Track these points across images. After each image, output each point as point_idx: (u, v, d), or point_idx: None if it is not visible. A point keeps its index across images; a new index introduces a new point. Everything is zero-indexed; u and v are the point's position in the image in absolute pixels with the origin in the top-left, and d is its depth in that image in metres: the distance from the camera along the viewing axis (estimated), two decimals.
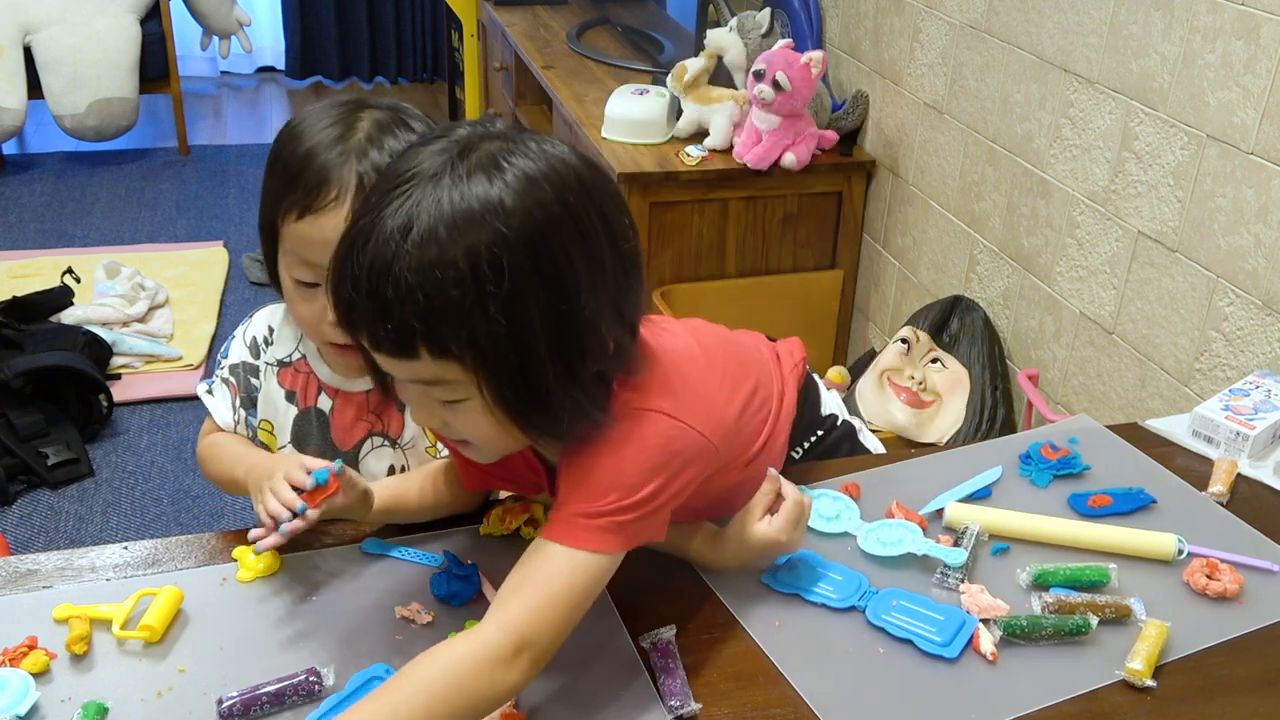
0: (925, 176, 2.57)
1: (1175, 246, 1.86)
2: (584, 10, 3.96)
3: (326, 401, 1.30)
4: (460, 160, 0.89)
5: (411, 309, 0.86)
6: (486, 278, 0.86)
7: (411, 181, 0.88)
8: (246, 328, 1.34)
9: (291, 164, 1.15)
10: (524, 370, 0.90)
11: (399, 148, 1.15)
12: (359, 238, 0.89)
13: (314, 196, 1.13)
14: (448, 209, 0.86)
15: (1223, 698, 1.05)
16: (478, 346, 0.88)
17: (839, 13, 2.86)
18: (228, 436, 1.32)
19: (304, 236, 1.15)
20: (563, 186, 0.90)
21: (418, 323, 0.86)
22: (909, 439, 2.33)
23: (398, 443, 1.30)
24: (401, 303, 0.86)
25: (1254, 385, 1.49)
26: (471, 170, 0.88)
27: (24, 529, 2.47)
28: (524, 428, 0.95)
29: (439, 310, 0.86)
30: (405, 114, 1.20)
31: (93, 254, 3.60)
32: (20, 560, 1.17)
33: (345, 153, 1.14)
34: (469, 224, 0.86)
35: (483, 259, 0.85)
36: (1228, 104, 1.73)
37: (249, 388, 1.32)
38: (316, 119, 1.18)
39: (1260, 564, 1.21)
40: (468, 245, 0.86)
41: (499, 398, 0.91)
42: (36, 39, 4.14)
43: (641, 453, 0.97)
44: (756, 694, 1.03)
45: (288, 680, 1.00)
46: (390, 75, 5.54)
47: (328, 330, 1.20)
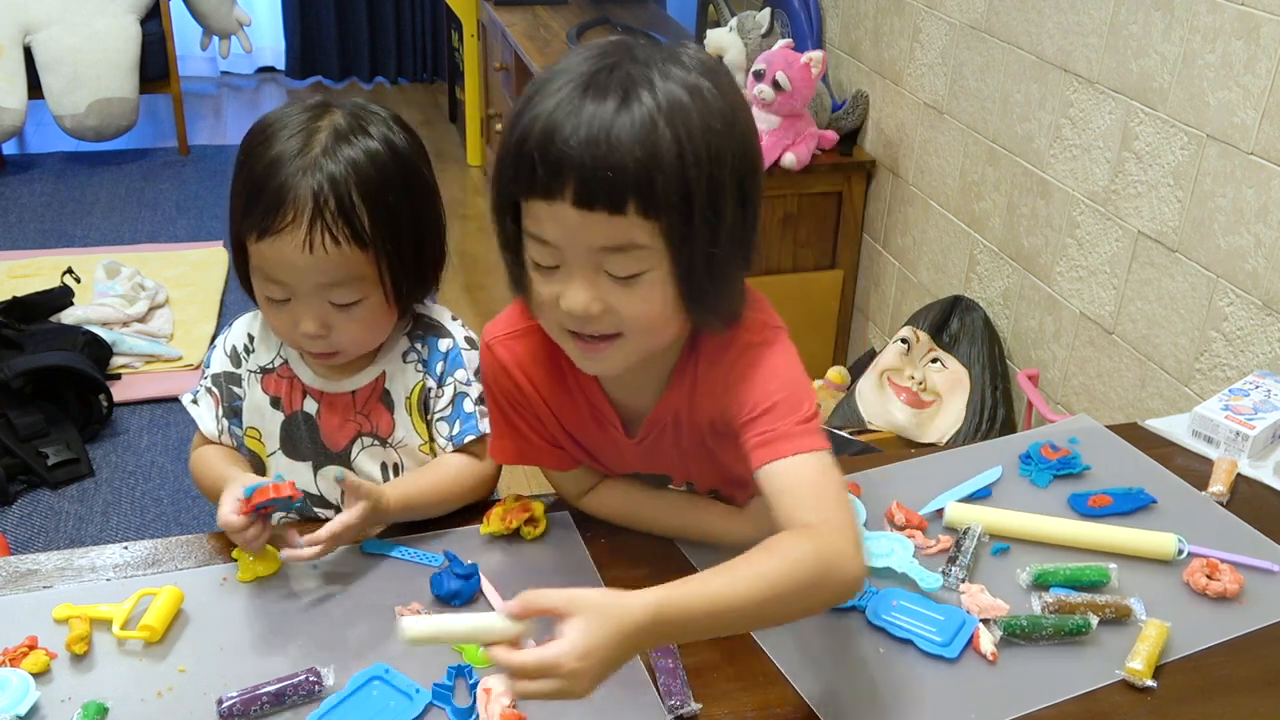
0: (925, 176, 2.57)
1: (1175, 246, 1.86)
2: (584, 10, 3.96)
3: (312, 405, 1.30)
4: (645, 56, 0.94)
5: (631, 160, 0.90)
6: (701, 149, 0.91)
7: (619, 62, 0.93)
8: (226, 337, 1.34)
9: (254, 177, 1.15)
10: (715, 241, 0.95)
11: (354, 154, 1.16)
12: (576, 94, 0.92)
13: (271, 218, 1.13)
14: (662, 87, 0.92)
15: (1222, 698, 1.05)
16: (683, 210, 0.93)
17: (839, 13, 2.86)
18: (214, 451, 1.32)
19: (267, 256, 1.16)
20: (731, 82, 0.98)
21: (636, 175, 0.90)
22: (909, 439, 2.33)
23: (388, 441, 1.30)
24: (622, 153, 0.90)
25: (1254, 385, 1.49)
26: (667, 60, 0.94)
27: (24, 529, 2.47)
28: (693, 308, 1.00)
29: (660, 167, 0.90)
30: (365, 118, 1.20)
31: (93, 254, 3.60)
32: (20, 560, 1.17)
33: (302, 168, 1.14)
34: (685, 102, 0.92)
35: (697, 131, 0.92)
36: (1228, 104, 1.73)
37: (231, 396, 1.32)
38: (283, 125, 1.17)
39: (1260, 564, 1.21)
40: (685, 118, 0.91)
41: (686, 269, 0.96)
42: (36, 39, 4.14)
43: (797, 364, 1.06)
44: (756, 694, 1.03)
45: (288, 680, 1.00)
46: (390, 75, 5.54)
47: (302, 340, 1.21)
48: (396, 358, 1.29)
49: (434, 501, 1.23)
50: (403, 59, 5.54)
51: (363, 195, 1.15)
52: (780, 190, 2.69)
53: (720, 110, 0.94)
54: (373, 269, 1.18)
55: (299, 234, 1.13)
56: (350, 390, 1.29)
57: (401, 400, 1.29)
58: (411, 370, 1.29)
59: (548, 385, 1.13)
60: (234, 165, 1.20)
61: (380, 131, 1.19)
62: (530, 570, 1.17)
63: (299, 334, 1.20)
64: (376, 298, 1.20)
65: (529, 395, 1.14)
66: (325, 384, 1.29)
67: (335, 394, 1.29)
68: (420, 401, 1.29)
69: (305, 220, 1.13)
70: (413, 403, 1.28)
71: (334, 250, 1.14)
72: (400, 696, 1.00)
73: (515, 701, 0.98)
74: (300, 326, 1.19)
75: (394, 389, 1.29)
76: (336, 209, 1.13)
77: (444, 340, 1.29)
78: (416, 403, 1.28)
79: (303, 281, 1.16)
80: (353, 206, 1.14)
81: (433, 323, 1.31)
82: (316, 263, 1.14)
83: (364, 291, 1.18)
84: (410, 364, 1.29)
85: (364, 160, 1.16)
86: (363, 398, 1.29)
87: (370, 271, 1.18)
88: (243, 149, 1.19)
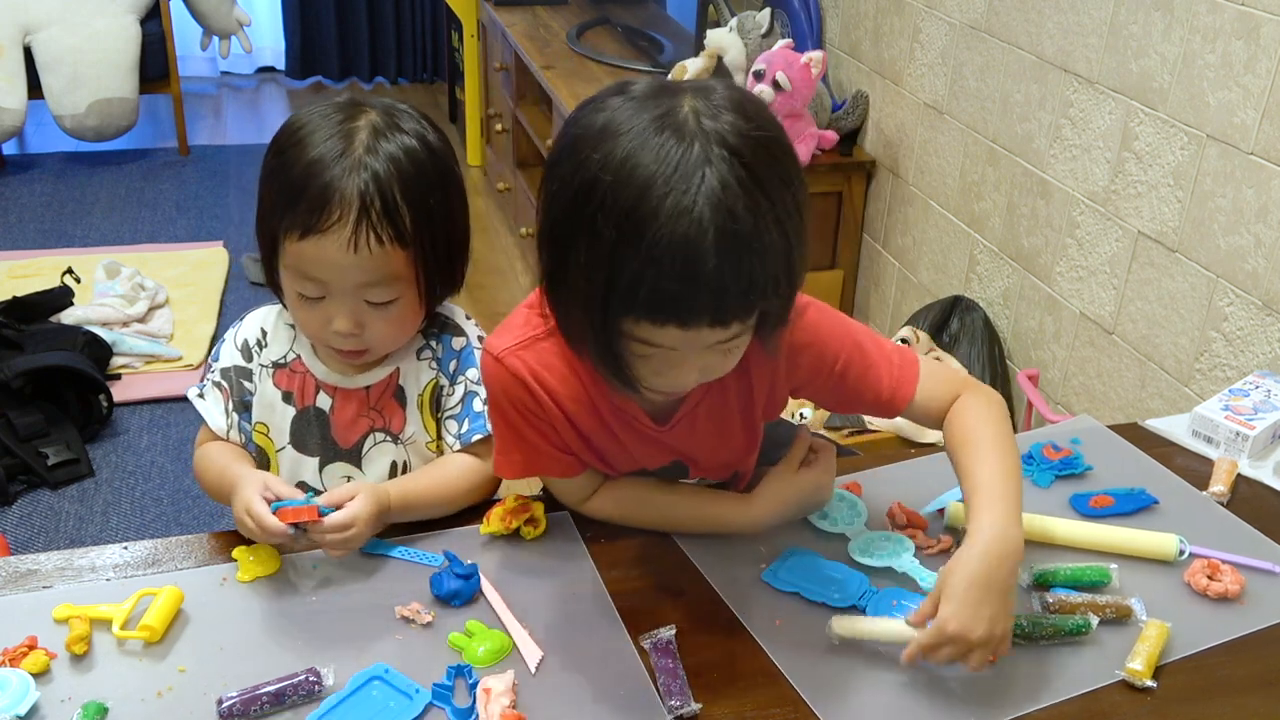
0: (925, 176, 2.57)
1: (1175, 246, 1.86)
2: (584, 10, 3.96)
3: (325, 400, 1.30)
4: (697, 138, 0.92)
5: (757, 272, 0.93)
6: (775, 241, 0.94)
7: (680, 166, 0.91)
8: (237, 330, 1.33)
9: (294, 177, 1.15)
10: (791, 294, 1.01)
11: (395, 152, 1.16)
12: (684, 212, 0.90)
13: (318, 217, 1.13)
14: (733, 180, 0.91)
15: (1223, 698, 1.05)
16: (770, 290, 0.96)
17: (839, 13, 2.86)
18: (219, 447, 1.31)
19: (307, 255, 1.15)
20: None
21: (762, 281, 0.94)
22: (909, 439, 2.33)
23: (399, 438, 1.30)
24: (750, 270, 0.92)
25: (1254, 385, 1.49)
26: (708, 139, 0.92)
27: (24, 529, 2.46)
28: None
29: (751, 278, 0.93)
30: (398, 116, 1.20)
31: (93, 254, 3.60)
32: (20, 560, 1.17)
33: (348, 169, 1.14)
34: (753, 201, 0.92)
35: (773, 229, 0.94)
36: (1228, 104, 1.73)
37: (242, 391, 1.31)
38: (317, 125, 1.17)
39: (1261, 565, 1.21)
40: (762, 211, 0.93)
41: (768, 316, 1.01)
42: (36, 39, 4.14)
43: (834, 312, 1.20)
44: (756, 694, 1.03)
45: (288, 680, 1.00)
46: (390, 75, 5.54)
47: (334, 338, 1.21)
48: (411, 354, 1.29)
49: (437, 502, 1.23)
50: (403, 59, 5.54)
51: (404, 194, 1.15)
52: None
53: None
54: (410, 268, 1.18)
55: (344, 233, 1.13)
56: (365, 386, 1.29)
57: (414, 397, 1.29)
58: (425, 367, 1.29)
59: (563, 390, 1.13)
60: (264, 167, 1.20)
61: (415, 129, 1.19)
62: (530, 570, 1.17)
63: (330, 331, 1.19)
64: (410, 296, 1.20)
65: (543, 403, 1.13)
66: (340, 379, 1.29)
67: (350, 389, 1.29)
68: (432, 399, 1.29)
69: (351, 219, 1.13)
70: (425, 400, 1.29)
71: (377, 250, 1.14)
72: (400, 696, 1.00)
73: (515, 701, 0.98)
74: (334, 325, 1.19)
75: (408, 385, 1.29)
76: (382, 209, 1.14)
77: (458, 339, 1.29)
78: (429, 400, 1.29)
79: (343, 280, 1.16)
80: (397, 206, 1.15)
81: (448, 320, 1.31)
82: (359, 262, 1.14)
83: (399, 291, 1.19)
84: (424, 361, 1.29)
85: (404, 159, 1.16)
86: (377, 393, 1.29)
87: (408, 271, 1.18)
88: (275, 151, 1.19)
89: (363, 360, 1.26)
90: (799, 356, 1.14)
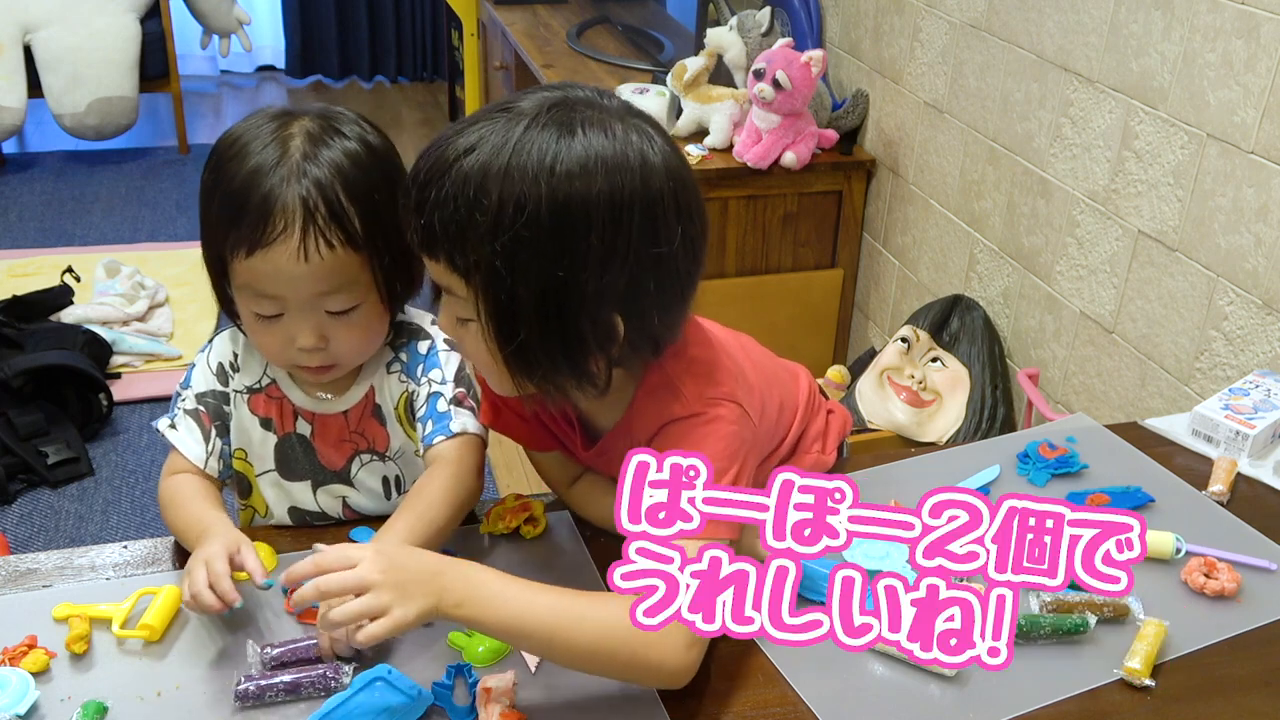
0: (925, 176, 2.57)
1: (1175, 246, 1.86)
2: (584, 9, 3.96)
3: (305, 426, 1.27)
4: (548, 112, 0.97)
5: (439, 216, 0.96)
6: (507, 219, 0.94)
7: (504, 113, 0.97)
8: (208, 353, 1.28)
9: (234, 190, 1.11)
10: (511, 315, 0.97)
11: (335, 156, 1.13)
12: (439, 143, 0.98)
13: (262, 230, 1.09)
14: (508, 149, 0.95)
15: (1221, 697, 1.05)
16: (480, 274, 0.96)
17: (839, 12, 2.86)
18: (194, 484, 1.22)
19: (258, 271, 1.12)
20: (619, 172, 0.96)
21: (442, 230, 0.96)
22: (909, 438, 2.33)
23: (386, 455, 1.28)
24: (437, 207, 0.96)
25: (1254, 385, 1.50)
26: (548, 125, 0.96)
27: (24, 528, 2.47)
28: (509, 369, 1.02)
29: (462, 226, 0.95)
30: (335, 120, 1.17)
31: (93, 253, 3.60)
32: (20, 559, 1.17)
33: (285, 176, 1.11)
34: (516, 169, 0.94)
35: (510, 203, 0.94)
36: (1228, 103, 1.73)
37: (222, 415, 1.27)
38: (252, 136, 1.14)
39: (1258, 562, 1.21)
40: (505, 185, 0.94)
41: (488, 330, 0.99)
42: (36, 38, 4.14)
43: (721, 439, 1.06)
44: (756, 694, 1.03)
45: (306, 672, 1.00)
46: (390, 74, 5.54)
47: (297, 355, 1.17)
48: (381, 370, 1.27)
49: (434, 535, 1.14)
50: (403, 58, 5.54)
51: (349, 196, 1.12)
52: (780, 189, 2.69)
53: (570, 183, 0.95)
54: (366, 271, 1.15)
55: (291, 243, 1.10)
56: (343, 411, 1.26)
57: (390, 412, 1.27)
58: (395, 380, 1.27)
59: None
60: (202, 186, 1.16)
61: (354, 131, 1.17)
62: (530, 570, 1.17)
63: (295, 350, 1.16)
64: (371, 301, 1.18)
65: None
66: (317, 405, 1.26)
67: (328, 415, 1.26)
68: (406, 409, 1.27)
69: (297, 228, 1.10)
70: (400, 412, 1.27)
71: (329, 255, 1.11)
72: (401, 696, 1.00)
73: (515, 701, 0.98)
74: (297, 341, 1.15)
75: (383, 402, 1.27)
76: (327, 213, 1.11)
77: (423, 343, 1.27)
78: (404, 411, 1.27)
79: (298, 292, 1.13)
80: (343, 209, 1.12)
81: (412, 327, 1.29)
82: (312, 271, 1.11)
83: (359, 296, 1.16)
84: (394, 374, 1.27)
85: (345, 161, 1.13)
86: (355, 416, 1.27)
87: (364, 274, 1.15)
88: (211, 167, 1.15)
89: (331, 376, 1.22)
90: (663, 434, 1.06)
